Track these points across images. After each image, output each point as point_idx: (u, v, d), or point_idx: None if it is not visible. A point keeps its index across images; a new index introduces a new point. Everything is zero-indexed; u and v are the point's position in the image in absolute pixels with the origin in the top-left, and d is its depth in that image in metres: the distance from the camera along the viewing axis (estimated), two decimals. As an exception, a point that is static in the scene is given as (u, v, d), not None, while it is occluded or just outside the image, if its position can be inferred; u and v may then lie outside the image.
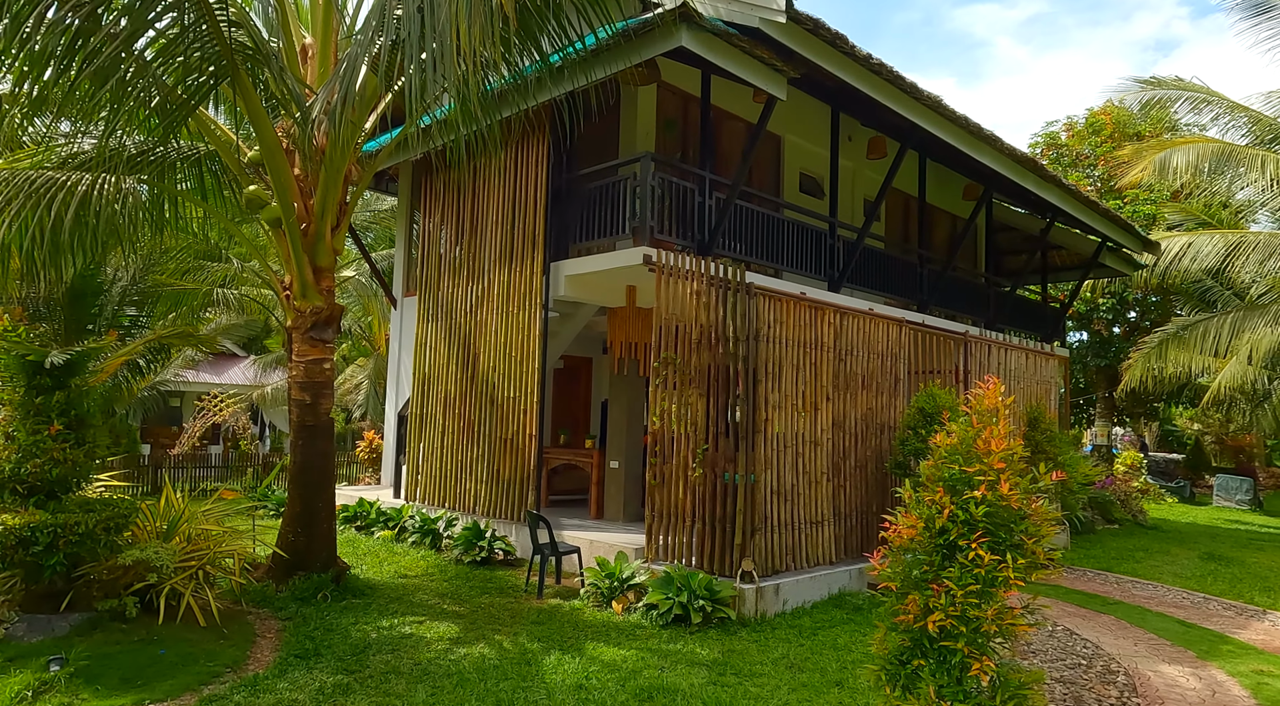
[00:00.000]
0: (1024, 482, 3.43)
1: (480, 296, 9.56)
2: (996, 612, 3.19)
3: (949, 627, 3.22)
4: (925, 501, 3.50)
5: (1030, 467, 3.54)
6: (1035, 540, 3.34)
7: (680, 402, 7.32)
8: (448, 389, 9.86)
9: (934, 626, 3.23)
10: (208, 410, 20.24)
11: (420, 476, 10.09)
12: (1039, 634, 6.54)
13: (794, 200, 11.71)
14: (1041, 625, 6.13)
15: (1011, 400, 3.71)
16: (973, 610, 3.20)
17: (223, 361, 26.73)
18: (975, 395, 3.68)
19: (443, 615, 6.25)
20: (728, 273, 7.19)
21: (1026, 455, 3.25)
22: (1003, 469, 3.37)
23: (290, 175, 6.25)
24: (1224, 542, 13.17)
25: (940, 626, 3.23)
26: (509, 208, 9.31)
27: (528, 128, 9.07)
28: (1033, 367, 11.45)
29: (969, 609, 3.21)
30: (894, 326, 8.79)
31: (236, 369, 26.45)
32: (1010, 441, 3.50)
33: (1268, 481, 27.66)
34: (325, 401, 6.65)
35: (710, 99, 9.25)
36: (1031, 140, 26.94)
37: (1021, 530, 3.33)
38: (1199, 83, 14.58)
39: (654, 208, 8.02)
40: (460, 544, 8.18)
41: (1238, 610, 7.82)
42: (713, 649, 5.63)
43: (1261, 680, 5.49)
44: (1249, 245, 15.43)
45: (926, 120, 9.32)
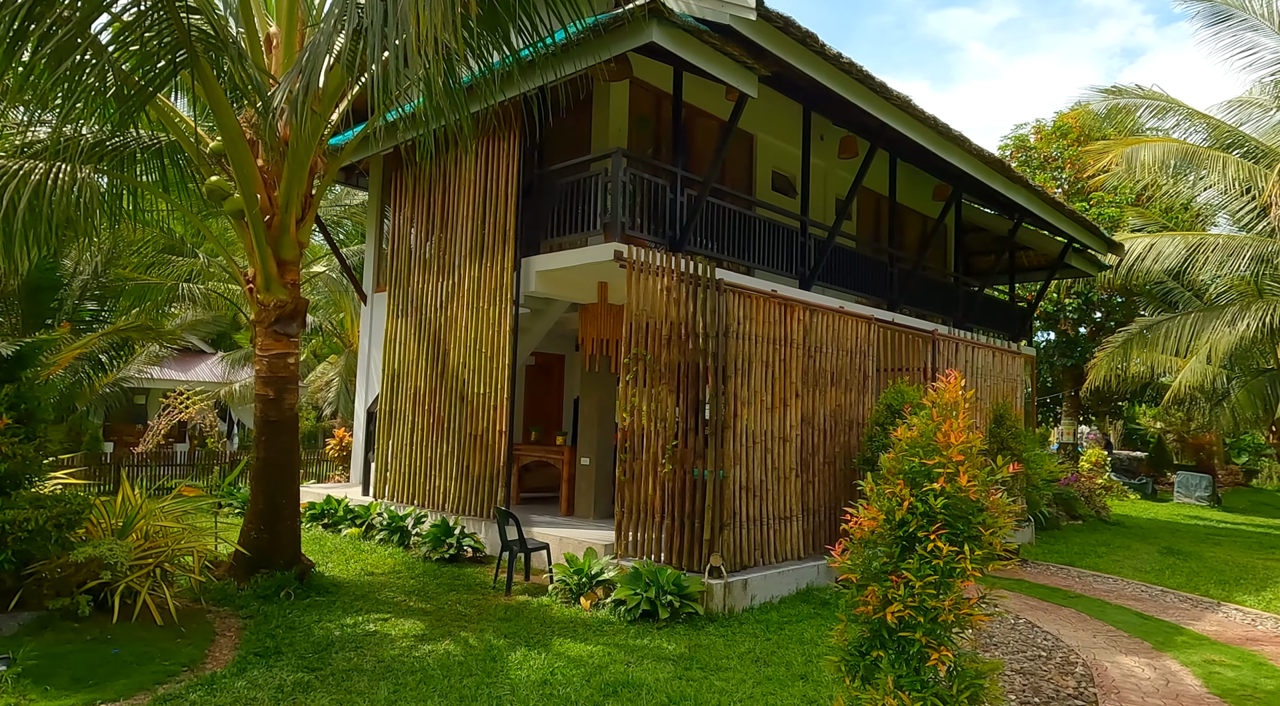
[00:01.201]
0: (983, 475, 3.48)
1: (451, 292, 9.48)
2: (954, 603, 3.23)
3: (907, 618, 3.25)
4: (886, 494, 3.53)
5: (989, 460, 3.59)
6: (993, 532, 3.38)
7: (650, 399, 7.32)
8: (417, 385, 9.77)
9: (893, 617, 3.26)
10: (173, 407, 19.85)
11: (389, 473, 9.98)
12: (1001, 626, 6.64)
13: (766, 198, 11.77)
14: (999, 615, 6.25)
15: (972, 393, 3.76)
16: (931, 601, 3.23)
17: (189, 358, 26.23)
18: (936, 388, 3.72)
19: (408, 612, 6.18)
20: (698, 269, 7.20)
21: (986, 448, 3.32)
22: (962, 461, 3.41)
23: (253, 166, 6.13)
24: (1183, 538, 13.50)
25: (899, 617, 3.26)
26: (480, 203, 9.23)
27: (498, 123, 9.01)
28: (999, 366, 11.63)
29: (927, 600, 3.24)
30: (863, 324, 8.87)
31: (204, 366, 25.98)
32: (970, 434, 3.54)
33: (1226, 478, 28.40)
34: (290, 396, 6.54)
35: (682, 96, 9.26)
36: (1001, 142, 27.38)
37: (979, 522, 3.37)
38: (1159, 91, 14.94)
39: (626, 204, 8.01)
40: (428, 541, 8.11)
41: (1193, 602, 8.01)
42: (680, 644, 5.64)
43: (1213, 669, 5.62)
44: (1209, 246, 15.82)
45: (896, 120, 9.42)
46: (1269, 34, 13.69)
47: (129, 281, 15.99)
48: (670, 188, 8.53)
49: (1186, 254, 15.92)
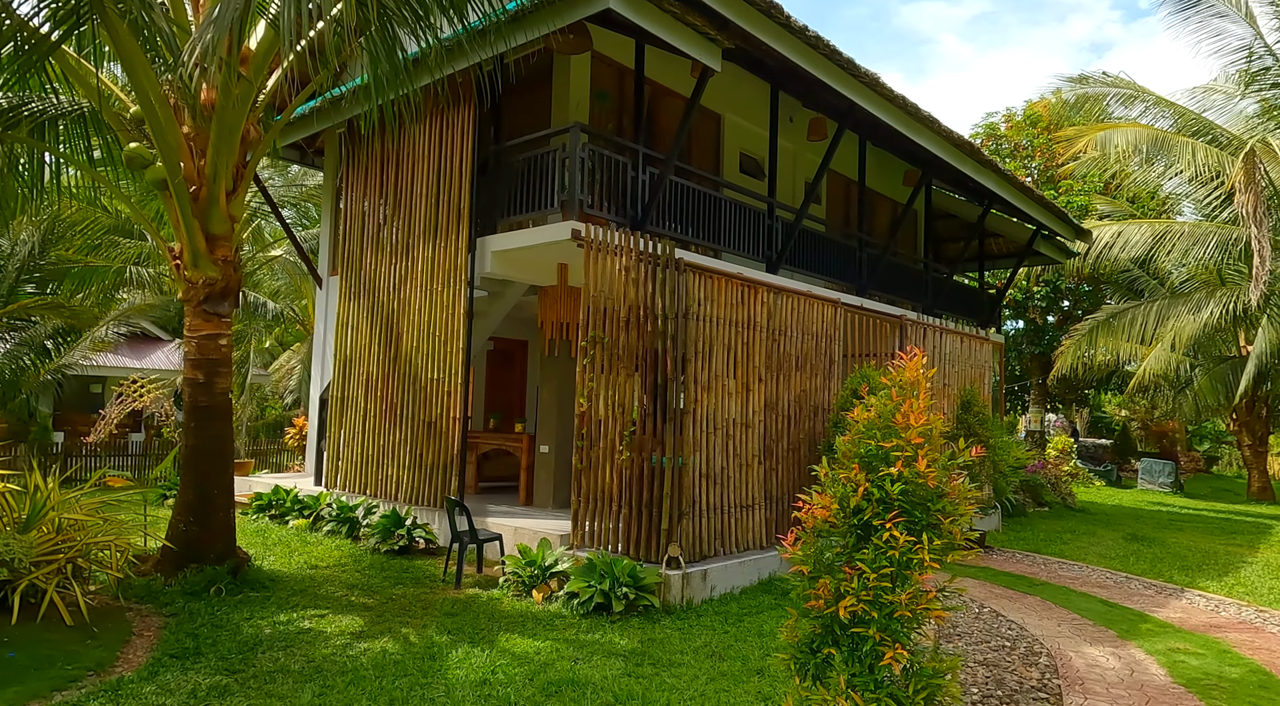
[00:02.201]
0: (943, 459, 3.25)
1: (404, 273, 9.08)
2: (911, 597, 2.99)
3: (860, 613, 3.01)
4: (841, 479, 3.28)
5: (950, 444, 3.36)
6: (952, 519, 3.15)
7: (608, 384, 7.03)
8: (370, 370, 9.37)
9: (845, 612, 3.02)
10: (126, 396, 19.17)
11: (341, 462, 9.59)
12: (965, 615, 6.48)
13: (734, 181, 11.49)
14: (958, 609, 6.07)
15: (934, 372, 3.53)
16: (886, 594, 2.99)
17: (145, 345, 25.38)
18: (896, 367, 3.47)
19: (348, 608, 5.85)
20: (657, 248, 6.91)
21: (948, 431, 3.10)
22: (921, 444, 3.17)
23: (177, 133, 5.70)
24: (1147, 524, 13.56)
25: (852, 612, 3.02)
26: (434, 180, 8.84)
27: (452, 96, 8.61)
28: (967, 352, 11.52)
29: (882, 593, 3.00)
30: (829, 307, 8.65)
31: (160, 353, 25.16)
32: (931, 416, 3.30)
33: (1189, 465, 28.88)
34: (222, 380, 6.14)
35: (644, 70, 8.94)
36: (971, 131, 27.39)
37: (939, 509, 3.14)
38: (1126, 77, 14.91)
39: (584, 181, 7.69)
40: (378, 532, 7.76)
41: (1157, 589, 7.95)
42: (633, 638, 5.38)
43: (1177, 658, 5.50)
44: (1174, 234, 15.90)
45: (864, 98, 9.18)
46: (1236, 20, 13.69)
47: (72, 264, 15.31)
48: (632, 165, 8.21)
49: (1153, 241, 15.99)
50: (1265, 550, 11.15)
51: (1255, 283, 12.47)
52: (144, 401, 19.52)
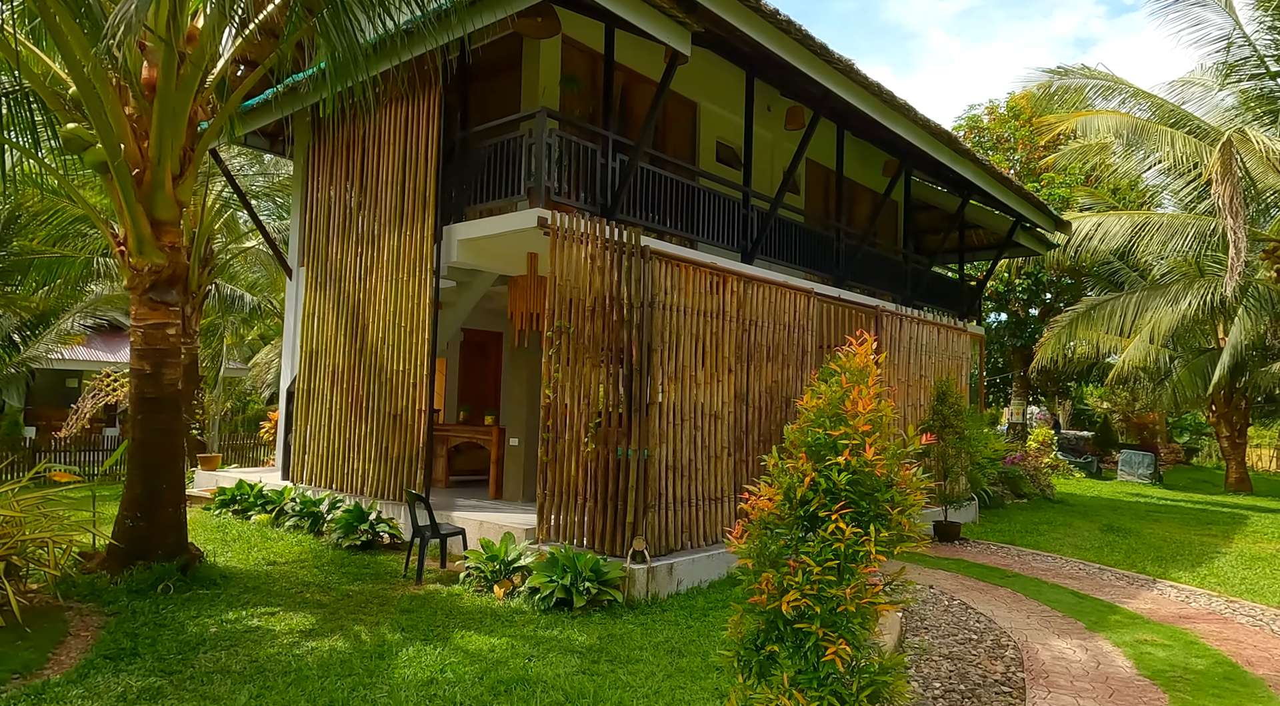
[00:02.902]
0: (893, 447, 3.12)
1: (370, 263, 8.88)
2: (855, 591, 2.87)
3: (804, 608, 2.88)
4: (788, 469, 3.16)
5: (901, 432, 3.23)
6: (901, 510, 3.03)
7: (573, 375, 6.88)
8: (336, 362, 9.17)
9: (788, 607, 2.89)
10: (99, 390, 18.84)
11: (307, 456, 9.40)
12: (935, 607, 6.40)
13: (711, 170, 11.35)
14: (908, 602, 5.94)
15: (885, 356, 3.42)
16: (830, 588, 2.87)
17: (120, 337, 24.96)
18: (845, 352, 3.35)
19: (302, 605, 5.68)
20: (623, 235, 6.76)
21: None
22: (869, 432, 3.04)
23: (119, 113, 5.48)
24: (1124, 515, 13.59)
25: (795, 607, 2.89)
26: (399, 167, 8.64)
27: (417, 81, 8.41)
28: (944, 342, 11.45)
29: (826, 587, 2.87)
30: (802, 297, 8.53)
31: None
32: (881, 403, 3.18)
33: (1168, 457, 29.09)
34: (169, 371, 5.94)
35: (614, 55, 8.77)
36: (954, 123, 27.38)
37: (886, 500, 3.01)
38: (1104, 69, 14.87)
39: (553, 168, 7.51)
40: (340, 527, 7.59)
41: (1129, 579, 7.91)
42: (593, 634, 5.25)
43: (1144, 650, 5.44)
44: (1153, 226, 15.90)
45: (838, 85, 9.04)
46: (1216, 10, 13.66)
47: (37, 255, 14.96)
48: (602, 152, 8.04)
49: (1132, 232, 15.99)
50: (1239, 540, 11.18)
51: (1231, 273, 12.45)
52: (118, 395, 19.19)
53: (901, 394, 10.33)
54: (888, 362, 10.10)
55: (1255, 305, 16.57)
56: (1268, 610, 6.78)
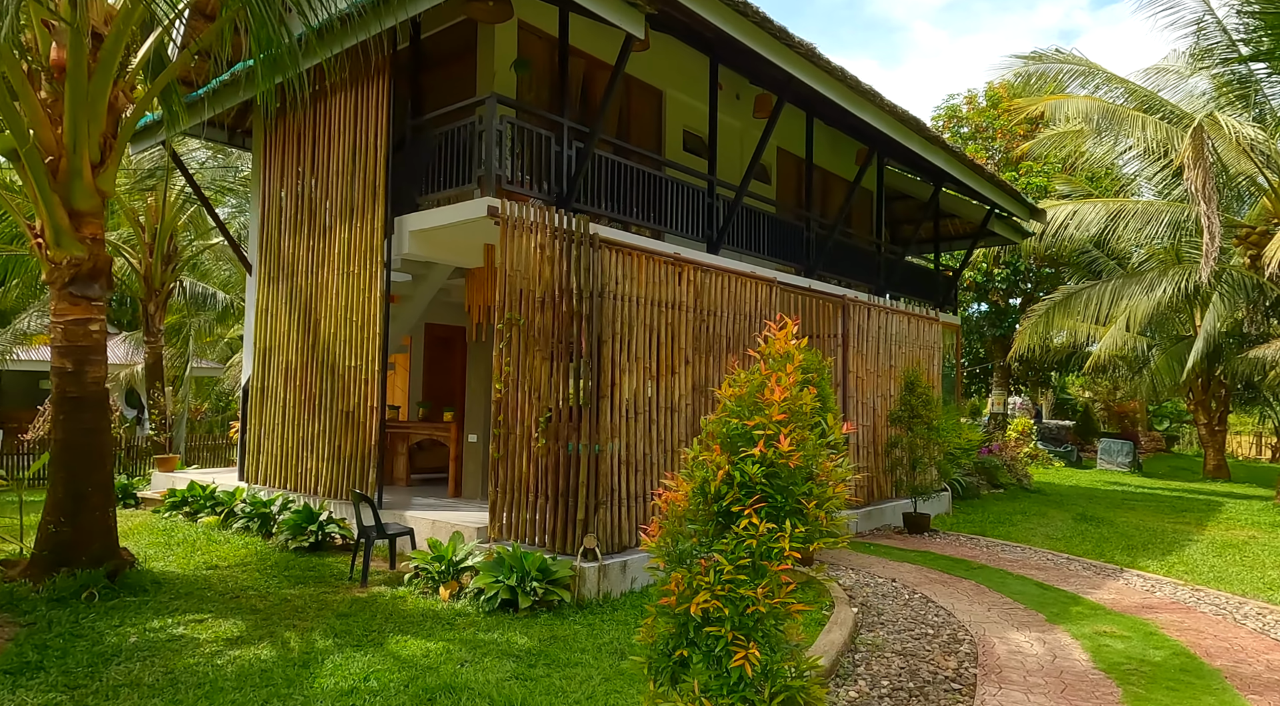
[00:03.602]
0: (812, 437, 2.94)
1: (322, 256, 8.64)
2: (768, 591, 2.69)
3: (712, 611, 2.70)
4: (704, 461, 2.97)
5: (822, 421, 3.06)
6: (818, 503, 2.85)
7: (523, 368, 6.68)
8: (289, 359, 8.93)
9: (698, 609, 2.71)
10: (66, 392, 18.39)
11: (261, 456, 9.15)
12: (894, 602, 6.25)
13: (677, 159, 11.13)
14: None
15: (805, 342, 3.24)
16: (742, 588, 2.68)
17: (88, 339, 24.54)
18: (765, 337, 3.16)
19: (235, 611, 5.46)
20: (571, 223, 6.55)
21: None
22: (784, 421, 2.86)
23: (29, 96, 5.21)
24: (1099, 503, 13.53)
25: (705, 609, 2.71)
26: (349, 157, 8.39)
27: (365, 69, 8.16)
28: (915, 332, 11.31)
29: (737, 587, 2.69)
30: (764, 286, 8.36)
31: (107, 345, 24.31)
32: (801, 391, 3.00)
33: (1149, 445, 29.20)
34: (93, 369, 5.69)
35: (569, 39, 8.55)
36: (933, 113, 27.28)
37: (802, 493, 2.83)
38: (1079, 54, 14.76)
39: (505, 156, 7.28)
40: (288, 528, 7.36)
41: (1096, 569, 7.80)
42: (536, 636, 5.06)
43: (1103, 642, 5.30)
44: (1129, 213, 15.85)
45: (800, 69, 8.85)
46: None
47: (-9, 253, 14.59)
48: (557, 139, 7.82)
49: (1108, 220, 15.93)
50: (1212, 528, 11.12)
51: (1206, 259, 12.39)
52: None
53: (870, 384, 10.18)
54: (855, 353, 9.95)
55: (1230, 291, 16.54)
56: (1232, 598, 6.68)
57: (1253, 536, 10.38)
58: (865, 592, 6.51)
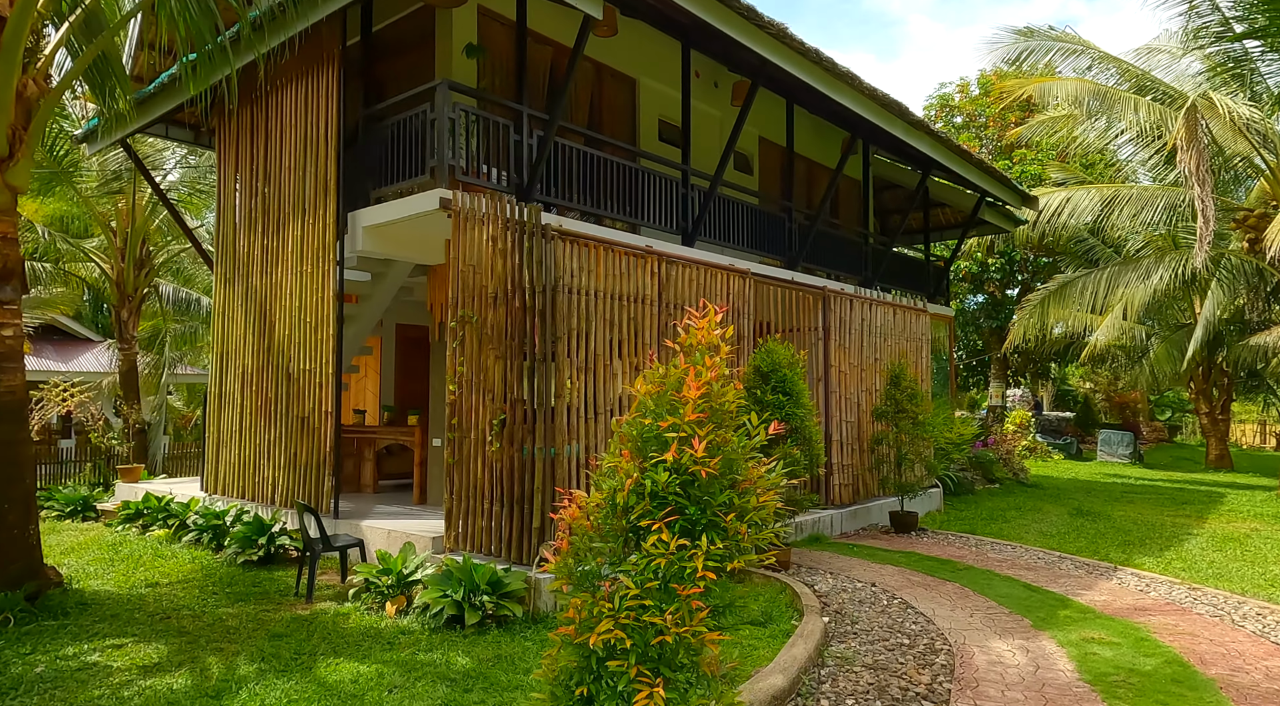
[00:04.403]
0: (735, 439, 2.58)
1: (275, 255, 8.29)
2: (677, 618, 2.33)
3: (615, 641, 2.34)
4: (613, 469, 2.61)
5: (747, 422, 2.70)
6: (739, 516, 2.49)
7: (478, 368, 6.32)
8: (246, 363, 8.58)
9: (599, 640, 2.35)
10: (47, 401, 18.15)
11: (220, 465, 8.81)
12: (872, 608, 5.88)
13: (653, 149, 10.76)
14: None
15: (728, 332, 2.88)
16: (648, 615, 2.32)
17: (72, 346, 24.26)
18: (685, 327, 2.80)
19: (161, 634, 5.11)
20: (523, 213, 6.19)
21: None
22: (699, 420, 2.50)
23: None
24: (1097, 497, 13.16)
25: (606, 640, 2.35)
26: (301, 151, 8.04)
27: (315, 58, 7.80)
28: (901, 324, 10.93)
29: (642, 613, 2.33)
30: (736, 278, 7.99)
31: (89, 355, 24.05)
32: (725, 387, 2.64)
33: (1151, 435, 28.77)
34: (9, 376, 5.35)
35: (527, 22, 8.19)
36: (925, 102, 26.88)
37: (721, 504, 2.47)
38: (1071, 32, 14.34)
39: (459, 146, 6.93)
40: (238, 541, 7.01)
41: (1089, 568, 7.43)
42: (479, 655, 4.71)
43: (1090, 649, 4.94)
44: (1123, 198, 15.44)
45: (773, 52, 8.47)
46: (1179, -29, 13.14)
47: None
48: (516, 127, 7.46)
49: (1102, 206, 15.52)
50: (1213, 520, 10.75)
51: (1200, 244, 11.99)
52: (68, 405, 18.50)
53: (854, 378, 9.81)
54: (838, 346, 9.58)
55: (1229, 277, 16.14)
56: (1230, 598, 6.30)
57: (1254, 529, 10.01)
58: (841, 598, 6.15)
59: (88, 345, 24.35)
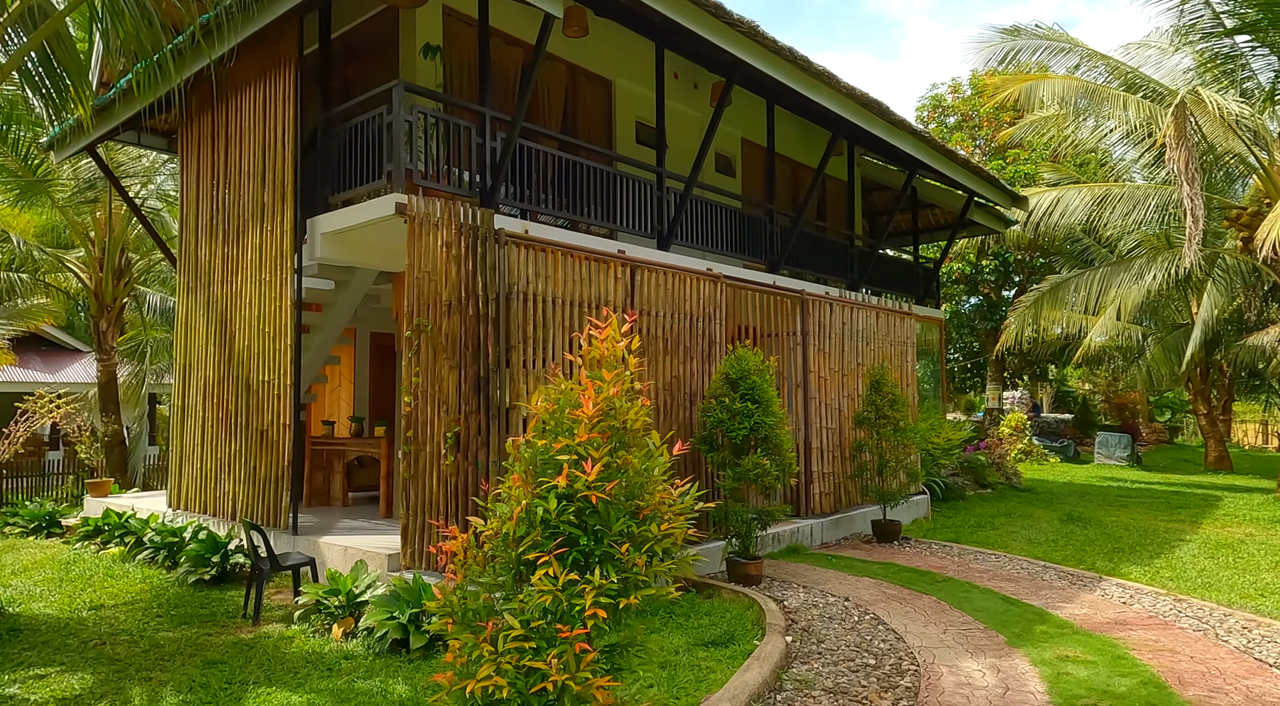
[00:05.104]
0: (637, 459, 2.36)
1: (235, 263, 8.09)
2: (562, 663, 2.10)
3: (494, 691, 2.11)
4: (506, 495, 2.39)
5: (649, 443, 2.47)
6: (641, 546, 2.27)
7: (433, 378, 6.11)
8: (207, 374, 8.37)
9: (478, 688, 2.12)
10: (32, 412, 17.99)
11: (183, 479, 8.59)
12: (840, 626, 5.64)
13: (630, 153, 10.55)
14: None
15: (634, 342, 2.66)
16: (528, 659, 2.10)
17: (59, 357, 24.13)
18: (589, 337, 2.58)
19: (90, 662, 4.89)
20: (477, 218, 5.98)
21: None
22: (595, 441, 2.27)
23: None
24: (1091, 502, 12.89)
25: (486, 687, 2.12)
26: (259, 156, 7.84)
27: (273, 59, 7.61)
28: (885, 328, 10.70)
29: (524, 657, 2.11)
30: (708, 283, 7.77)
31: (77, 365, 23.93)
32: (629, 405, 2.41)
33: (1150, 437, 28.44)
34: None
35: (500, 25, 8.03)
36: (918, 103, 26.69)
37: (616, 534, 2.25)
38: (1058, 29, 14.13)
39: (414, 149, 6.72)
40: (191, 559, 6.79)
41: (1073, 579, 7.18)
42: (420, 683, 4.47)
43: (1064, 669, 4.69)
44: (1114, 197, 15.21)
45: (746, 51, 8.26)
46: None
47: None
48: (478, 130, 7.25)
49: (1093, 205, 15.29)
50: (1208, 525, 10.48)
51: (1190, 243, 11.76)
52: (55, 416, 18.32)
53: (835, 384, 9.57)
54: (817, 351, 9.35)
55: (1224, 277, 15.90)
56: (1217, 609, 6.05)
57: (1249, 534, 9.75)
58: (811, 615, 5.91)
59: (76, 356, 24.21)
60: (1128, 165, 17.89)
